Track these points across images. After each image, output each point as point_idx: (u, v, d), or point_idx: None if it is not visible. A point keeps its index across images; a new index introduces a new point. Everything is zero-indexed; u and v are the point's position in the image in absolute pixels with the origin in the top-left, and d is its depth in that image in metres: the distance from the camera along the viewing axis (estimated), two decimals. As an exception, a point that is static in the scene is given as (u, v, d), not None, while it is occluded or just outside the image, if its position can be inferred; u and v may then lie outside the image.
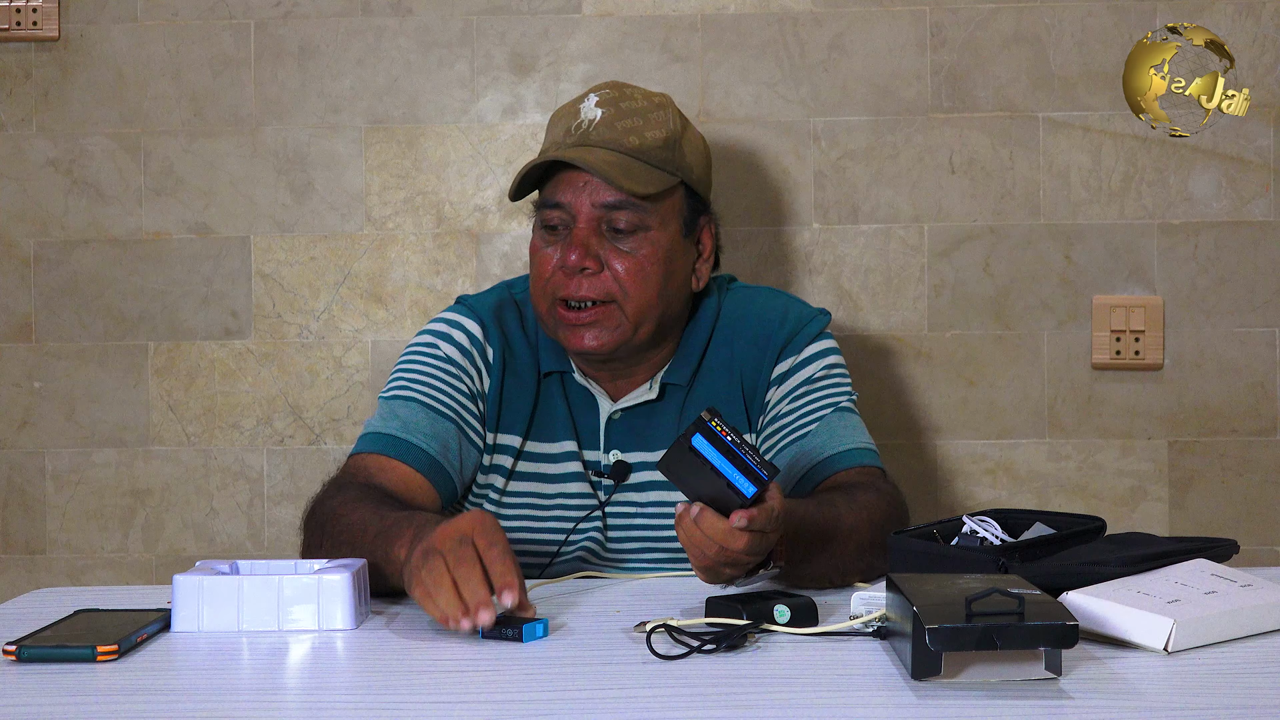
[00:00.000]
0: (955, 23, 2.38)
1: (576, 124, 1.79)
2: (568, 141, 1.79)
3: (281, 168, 2.43)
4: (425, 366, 1.82)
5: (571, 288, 1.76)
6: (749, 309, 1.88)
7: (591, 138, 1.78)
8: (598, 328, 1.77)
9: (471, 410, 1.81)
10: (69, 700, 1.20)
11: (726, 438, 1.39)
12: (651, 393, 1.83)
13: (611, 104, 1.80)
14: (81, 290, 2.44)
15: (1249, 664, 1.26)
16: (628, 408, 1.83)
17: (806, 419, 1.81)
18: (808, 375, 1.84)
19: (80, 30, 2.43)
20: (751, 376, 1.84)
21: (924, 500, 2.39)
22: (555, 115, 1.85)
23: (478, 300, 1.89)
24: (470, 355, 1.83)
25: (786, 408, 1.82)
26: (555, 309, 1.78)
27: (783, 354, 1.84)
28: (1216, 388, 2.39)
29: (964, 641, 1.15)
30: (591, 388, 1.83)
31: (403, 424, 1.77)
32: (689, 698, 1.18)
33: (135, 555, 2.45)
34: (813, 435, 1.79)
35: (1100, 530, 1.59)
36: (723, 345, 1.86)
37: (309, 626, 1.41)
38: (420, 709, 1.17)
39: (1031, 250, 2.39)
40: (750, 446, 1.40)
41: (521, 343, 1.85)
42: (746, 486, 1.39)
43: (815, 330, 1.86)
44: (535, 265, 1.80)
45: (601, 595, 1.60)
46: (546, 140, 1.85)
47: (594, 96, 1.82)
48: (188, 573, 1.45)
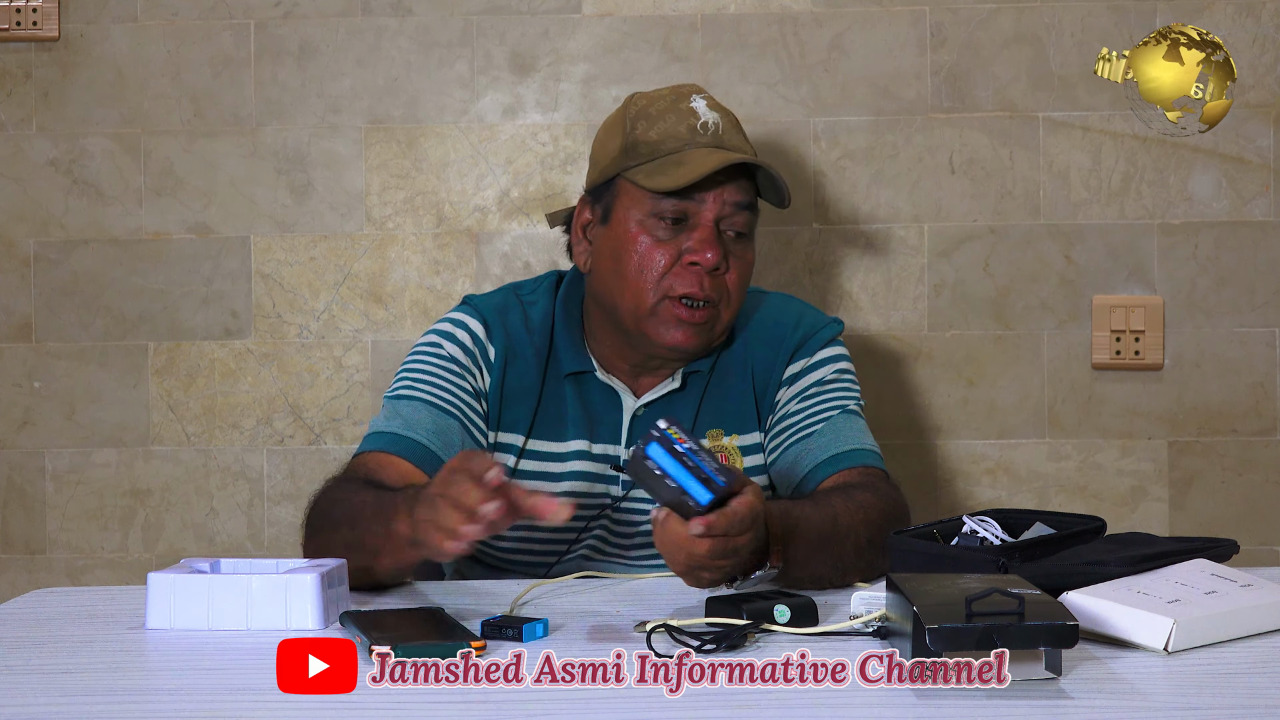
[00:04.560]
0: (955, 23, 2.38)
1: (702, 123, 1.79)
2: (701, 140, 1.78)
3: (281, 168, 2.43)
4: (429, 365, 1.83)
5: (697, 285, 1.76)
6: (767, 312, 1.90)
7: (725, 141, 1.79)
8: (702, 328, 1.78)
9: (475, 408, 1.82)
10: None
11: (682, 445, 1.38)
12: (675, 383, 1.85)
13: (717, 108, 1.82)
14: (81, 290, 2.44)
15: (1249, 664, 1.26)
16: (651, 402, 1.84)
17: (813, 419, 1.82)
18: (818, 378, 1.85)
19: (80, 30, 2.43)
20: (764, 376, 1.86)
21: (924, 500, 2.39)
22: (650, 109, 1.82)
23: (482, 300, 1.89)
24: (473, 354, 1.83)
25: (795, 408, 1.84)
26: (666, 305, 1.77)
27: (795, 356, 1.86)
28: (1216, 388, 2.39)
29: (964, 641, 1.15)
30: (615, 384, 1.84)
31: (405, 422, 1.77)
32: (689, 697, 1.18)
33: (135, 555, 2.45)
34: (817, 435, 1.81)
35: (1100, 530, 1.59)
36: (739, 343, 1.87)
37: (277, 626, 1.41)
38: (420, 709, 1.17)
39: (1031, 250, 2.39)
40: (708, 453, 1.39)
41: (525, 343, 1.85)
42: (701, 494, 1.38)
43: (829, 336, 1.89)
44: (640, 258, 1.77)
45: (601, 595, 1.60)
46: (656, 132, 1.79)
47: (699, 98, 1.82)
48: (164, 570, 1.45)
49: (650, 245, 1.78)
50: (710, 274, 1.76)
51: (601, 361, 1.85)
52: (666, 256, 1.77)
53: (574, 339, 1.85)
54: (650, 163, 1.78)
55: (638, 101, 1.85)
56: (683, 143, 1.78)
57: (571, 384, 1.84)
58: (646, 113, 1.82)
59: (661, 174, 1.77)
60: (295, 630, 1.40)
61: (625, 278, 1.78)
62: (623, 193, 1.80)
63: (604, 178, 1.83)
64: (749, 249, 1.81)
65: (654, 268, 1.77)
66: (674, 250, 1.77)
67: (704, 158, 1.76)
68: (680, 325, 1.77)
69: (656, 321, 1.78)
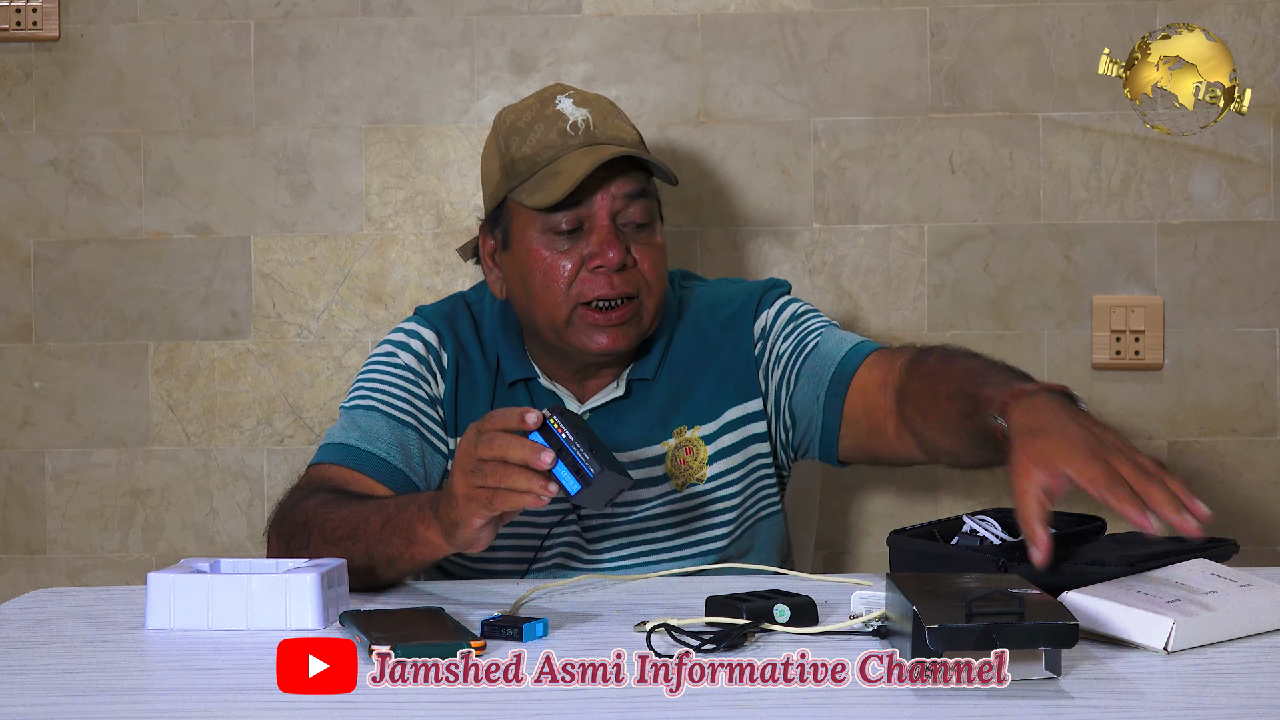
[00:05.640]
0: (955, 23, 2.38)
1: (571, 125, 1.77)
2: (574, 143, 1.77)
3: (281, 168, 2.43)
4: (385, 375, 1.82)
5: (606, 287, 1.75)
6: (713, 298, 1.89)
7: (598, 135, 1.77)
8: (627, 326, 1.77)
9: (432, 415, 1.81)
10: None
11: (561, 434, 1.39)
12: (619, 390, 1.83)
13: (585, 102, 1.80)
14: (81, 290, 2.44)
15: (1249, 664, 1.26)
16: (596, 407, 1.83)
17: (806, 340, 1.81)
18: (790, 314, 1.85)
19: (80, 30, 2.43)
20: (730, 355, 1.84)
21: (924, 500, 2.39)
22: (518, 124, 1.80)
23: (433, 310, 1.90)
24: (427, 362, 1.83)
25: (783, 346, 1.82)
26: (580, 313, 1.76)
27: (756, 316, 1.85)
28: (1216, 388, 2.39)
29: (964, 641, 1.15)
30: (558, 390, 1.84)
31: (364, 434, 1.77)
32: (689, 697, 1.18)
33: (135, 555, 2.45)
34: (819, 345, 1.80)
35: (1100, 530, 1.59)
36: (690, 338, 1.86)
37: (277, 626, 1.41)
38: (420, 709, 1.17)
39: (1031, 250, 2.39)
40: (586, 442, 1.40)
41: (475, 349, 1.85)
42: (570, 483, 1.39)
43: (778, 291, 1.88)
44: (544, 274, 1.76)
45: (601, 595, 1.60)
46: (529, 146, 1.77)
47: (564, 98, 1.80)
48: (164, 570, 1.46)
49: (552, 259, 1.76)
50: (618, 272, 1.75)
51: (543, 369, 1.84)
52: (571, 265, 1.75)
53: (514, 348, 1.85)
54: (530, 179, 1.76)
55: (506, 118, 1.83)
56: (556, 151, 1.76)
57: (521, 390, 1.84)
58: (516, 127, 1.79)
59: (541, 189, 1.75)
60: (295, 630, 1.40)
61: (535, 297, 1.77)
62: (514, 215, 1.79)
63: (494, 203, 1.82)
64: (654, 234, 1.79)
65: (560, 280, 1.75)
66: (576, 257, 1.75)
67: (577, 161, 1.73)
68: (601, 329, 1.76)
69: (576, 331, 1.76)
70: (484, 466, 1.40)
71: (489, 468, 1.40)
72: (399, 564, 1.57)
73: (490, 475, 1.40)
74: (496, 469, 1.39)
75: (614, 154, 1.74)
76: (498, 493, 1.40)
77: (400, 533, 1.54)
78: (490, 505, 1.41)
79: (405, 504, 1.56)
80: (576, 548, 1.82)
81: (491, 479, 1.40)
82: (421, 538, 1.52)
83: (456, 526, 1.46)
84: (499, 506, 1.41)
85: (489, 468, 1.40)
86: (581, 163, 1.73)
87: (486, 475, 1.40)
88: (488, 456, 1.40)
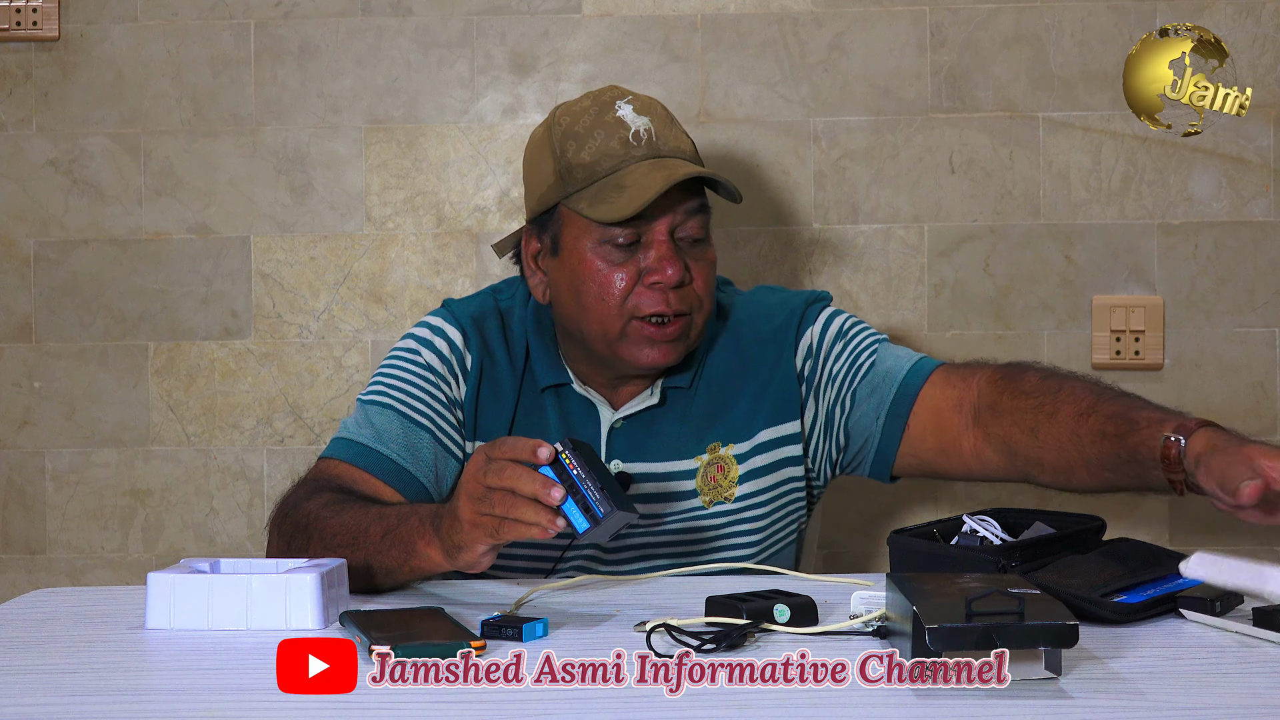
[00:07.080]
0: (955, 23, 2.38)
1: (633, 134, 1.74)
2: (637, 153, 1.73)
3: (281, 168, 2.43)
4: (405, 373, 1.80)
5: (663, 303, 1.72)
6: (754, 311, 1.86)
7: (661, 147, 1.74)
8: (680, 340, 1.75)
9: (449, 419, 1.79)
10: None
11: (573, 470, 1.37)
12: (653, 398, 1.81)
13: (645, 109, 1.77)
14: (81, 290, 2.44)
15: (1249, 664, 1.26)
16: (629, 415, 1.81)
17: (860, 357, 1.80)
18: (837, 329, 1.83)
19: (80, 30, 2.43)
20: (769, 373, 1.82)
21: (924, 500, 2.39)
22: (575, 128, 1.76)
23: (461, 306, 1.86)
24: (449, 363, 1.80)
25: (836, 365, 1.81)
26: (634, 326, 1.73)
27: (800, 333, 1.83)
28: (1216, 388, 2.39)
29: (964, 641, 1.15)
30: (592, 397, 1.81)
31: (376, 433, 1.75)
32: (689, 697, 1.18)
33: (135, 555, 2.45)
34: (876, 363, 1.79)
35: (1100, 530, 1.59)
36: (728, 350, 1.83)
37: (277, 626, 1.41)
38: (420, 709, 1.17)
39: (1031, 250, 2.39)
40: (597, 479, 1.37)
41: (502, 351, 1.82)
42: (579, 521, 1.37)
43: (821, 305, 1.86)
44: (599, 286, 1.73)
45: (601, 595, 1.60)
46: (589, 153, 1.74)
47: (623, 104, 1.76)
48: (164, 570, 1.45)
49: (607, 270, 1.73)
50: (675, 289, 1.73)
51: (578, 374, 1.82)
52: (626, 278, 1.73)
53: (548, 352, 1.82)
54: (589, 188, 1.73)
55: (562, 120, 1.78)
56: (617, 161, 1.73)
57: (550, 395, 1.82)
58: (573, 131, 1.75)
59: (604, 202, 1.72)
60: (295, 630, 1.40)
61: (587, 307, 1.74)
62: (567, 221, 1.76)
63: (544, 206, 1.78)
64: (708, 248, 1.77)
65: (615, 292, 1.73)
66: (633, 270, 1.73)
67: (645, 176, 1.70)
68: (654, 344, 1.74)
69: (628, 343, 1.74)
70: (492, 495, 1.39)
71: (497, 497, 1.38)
72: (399, 575, 1.56)
73: (498, 505, 1.38)
74: (505, 499, 1.38)
75: (687, 174, 1.71)
76: (505, 522, 1.39)
77: (400, 545, 1.53)
78: (496, 534, 1.40)
79: (406, 515, 1.54)
80: (595, 560, 1.81)
81: (499, 508, 1.38)
82: (421, 553, 1.51)
83: (459, 549, 1.45)
84: (505, 536, 1.40)
85: (497, 497, 1.38)
86: (650, 179, 1.70)
87: (494, 504, 1.39)
88: (496, 485, 1.38)
